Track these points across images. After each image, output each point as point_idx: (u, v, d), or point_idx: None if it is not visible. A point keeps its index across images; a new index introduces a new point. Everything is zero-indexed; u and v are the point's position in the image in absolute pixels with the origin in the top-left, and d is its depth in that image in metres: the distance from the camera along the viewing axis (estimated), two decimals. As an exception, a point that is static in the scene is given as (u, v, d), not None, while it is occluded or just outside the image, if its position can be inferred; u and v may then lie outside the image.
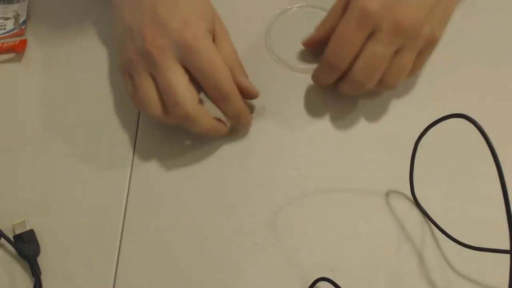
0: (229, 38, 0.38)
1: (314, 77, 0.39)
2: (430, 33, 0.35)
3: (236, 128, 0.38)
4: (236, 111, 0.36)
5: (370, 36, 0.34)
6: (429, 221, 0.35)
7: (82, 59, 0.44)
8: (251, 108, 0.40)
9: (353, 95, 0.38)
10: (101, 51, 0.44)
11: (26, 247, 0.34)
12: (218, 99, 0.35)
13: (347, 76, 0.36)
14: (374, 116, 0.40)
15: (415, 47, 0.35)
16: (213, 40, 0.36)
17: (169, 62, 0.33)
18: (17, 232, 0.35)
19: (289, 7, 0.45)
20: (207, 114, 0.35)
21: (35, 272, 0.33)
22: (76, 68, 0.43)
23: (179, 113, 0.33)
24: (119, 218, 0.36)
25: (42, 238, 0.35)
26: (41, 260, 0.34)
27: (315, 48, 0.41)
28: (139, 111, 0.41)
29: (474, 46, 0.44)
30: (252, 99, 0.38)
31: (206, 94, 0.35)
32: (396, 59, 0.35)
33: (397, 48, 0.35)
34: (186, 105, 0.33)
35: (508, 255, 0.27)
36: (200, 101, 0.35)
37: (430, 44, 0.36)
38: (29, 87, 0.42)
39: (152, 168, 0.38)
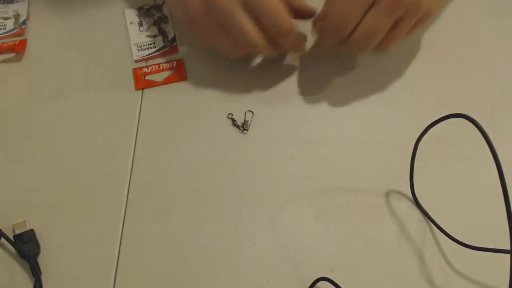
0: None
1: (319, 37, 0.42)
2: (428, 7, 0.36)
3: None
4: (294, 41, 0.39)
5: (372, 4, 0.35)
6: (429, 221, 0.35)
7: (81, 58, 0.44)
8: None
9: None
10: (101, 50, 0.44)
11: (26, 247, 0.34)
12: (279, 36, 0.37)
13: (348, 41, 0.37)
14: (374, 116, 0.40)
15: (413, 19, 0.36)
16: None
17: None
18: (17, 232, 0.35)
19: None
20: None
21: (35, 272, 0.33)
22: (76, 67, 0.43)
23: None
24: (119, 218, 0.36)
25: (42, 238, 0.35)
26: (41, 260, 0.34)
27: None
28: (139, 110, 0.41)
29: (475, 46, 0.44)
30: (310, 17, 0.41)
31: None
32: (393, 28, 0.36)
33: (396, 19, 0.35)
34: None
35: (508, 255, 0.27)
36: None
37: (425, 17, 0.37)
38: (29, 87, 0.42)
39: (152, 167, 0.38)
